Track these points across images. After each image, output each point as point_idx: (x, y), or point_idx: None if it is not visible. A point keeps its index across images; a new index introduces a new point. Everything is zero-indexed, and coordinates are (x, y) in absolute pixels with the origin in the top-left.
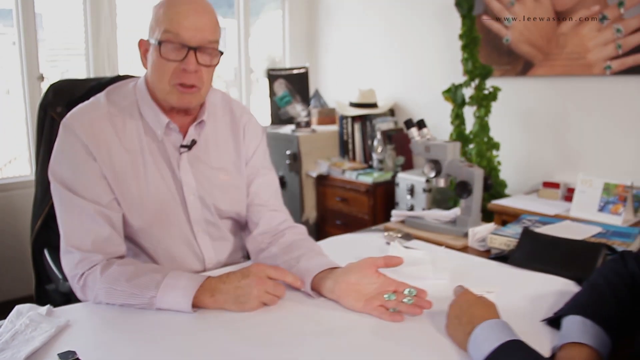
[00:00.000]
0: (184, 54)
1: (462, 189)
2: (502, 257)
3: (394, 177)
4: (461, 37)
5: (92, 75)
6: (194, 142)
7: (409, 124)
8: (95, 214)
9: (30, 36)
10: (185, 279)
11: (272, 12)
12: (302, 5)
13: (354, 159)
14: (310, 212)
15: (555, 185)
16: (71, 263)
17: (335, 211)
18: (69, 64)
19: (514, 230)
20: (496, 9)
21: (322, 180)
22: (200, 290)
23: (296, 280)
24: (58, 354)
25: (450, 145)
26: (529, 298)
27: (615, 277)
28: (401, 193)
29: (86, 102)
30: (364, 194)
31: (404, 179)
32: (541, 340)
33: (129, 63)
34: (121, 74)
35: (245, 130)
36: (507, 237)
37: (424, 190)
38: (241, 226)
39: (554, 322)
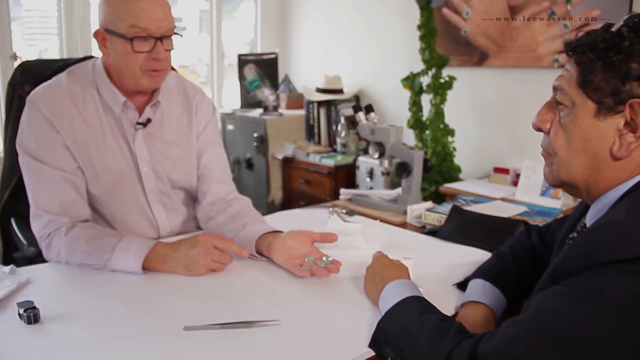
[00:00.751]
0: (152, 44)
1: (402, 169)
2: (433, 232)
3: (355, 160)
4: (419, 27)
5: (65, 55)
6: (149, 121)
7: (356, 108)
8: (61, 180)
9: (3, 15)
10: (138, 244)
11: None
12: None
13: (319, 142)
14: (276, 193)
15: (505, 171)
16: (40, 225)
17: (299, 192)
18: (48, 44)
19: (447, 208)
20: (455, 1)
21: (287, 163)
22: (151, 254)
23: (241, 250)
24: (17, 303)
25: (393, 129)
26: (447, 266)
27: (520, 248)
28: (361, 176)
29: (49, 81)
30: (326, 176)
31: (365, 162)
32: (450, 301)
33: None
34: (94, 54)
35: (197, 108)
36: (439, 214)
37: (382, 173)
38: (193, 198)
39: (463, 286)
